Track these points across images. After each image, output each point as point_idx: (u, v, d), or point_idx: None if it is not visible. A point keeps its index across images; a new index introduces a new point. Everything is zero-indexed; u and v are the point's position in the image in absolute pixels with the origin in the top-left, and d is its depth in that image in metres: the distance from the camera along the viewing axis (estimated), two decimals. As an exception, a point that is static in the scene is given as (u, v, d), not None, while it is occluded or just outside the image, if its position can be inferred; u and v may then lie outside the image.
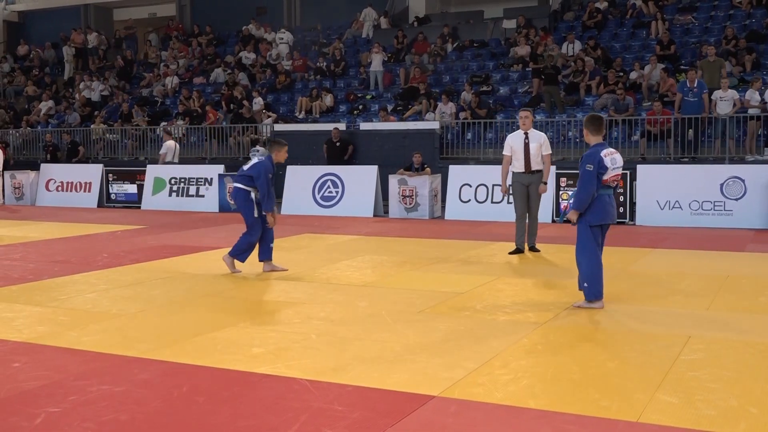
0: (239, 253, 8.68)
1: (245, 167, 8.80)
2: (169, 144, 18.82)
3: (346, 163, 17.31)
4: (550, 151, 10.06)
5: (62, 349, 5.53)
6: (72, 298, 7.36)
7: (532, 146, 9.86)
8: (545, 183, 9.97)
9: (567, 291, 7.46)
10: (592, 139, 6.76)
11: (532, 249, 10.11)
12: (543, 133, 10.23)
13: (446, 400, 4.38)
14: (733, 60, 17.52)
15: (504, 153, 10.13)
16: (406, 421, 4.07)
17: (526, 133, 9.94)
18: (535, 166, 9.90)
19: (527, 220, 10.10)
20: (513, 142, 10.00)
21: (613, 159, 6.66)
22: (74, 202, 18.97)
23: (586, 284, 6.73)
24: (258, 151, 18.39)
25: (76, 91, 25.10)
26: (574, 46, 19.64)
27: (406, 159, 15.86)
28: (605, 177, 6.60)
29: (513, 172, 10.03)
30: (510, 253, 10.00)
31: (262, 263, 8.81)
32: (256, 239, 8.68)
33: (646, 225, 13.29)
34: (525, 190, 10.00)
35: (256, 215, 8.61)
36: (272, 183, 8.67)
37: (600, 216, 6.67)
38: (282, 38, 24.52)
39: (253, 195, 8.61)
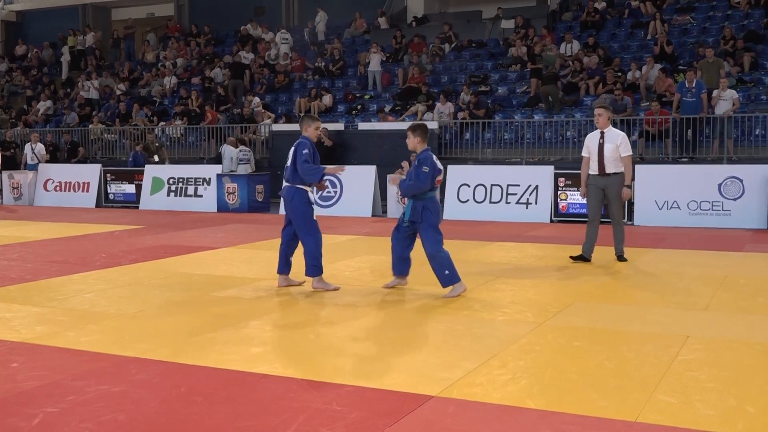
0: (316, 267, 7.60)
1: (288, 162, 7.70)
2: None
3: (340, 163, 17.26)
4: (630, 152, 9.24)
5: (60, 349, 5.52)
6: (70, 298, 7.35)
7: (608, 147, 9.14)
8: (628, 186, 9.18)
9: (566, 291, 7.47)
10: (421, 146, 7.38)
11: (620, 258, 9.37)
12: (622, 133, 9.39)
13: (445, 400, 4.38)
14: (731, 60, 17.54)
15: (582, 154, 9.47)
16: (404, 421, 4.07)
17: (602, 133, 9.24)
18: (611, 169, 9.15)
19: (612, 226, 9.44)
20: (590, 143, 9.33)
21: (439, 162, 7.41)
22: (72, 202, 18.96)
23: (447, 272, 7.20)
24: (246, 150, 18.37)
25: (74, 91, 25.08)
26: (572, 46, 19.66)
27: (404, 159, 15.82)
28: (438, 178, 7.30)
29: (589, 174, 9.34)
30: (571, 257, 9.42)
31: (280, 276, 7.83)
32: (321, 242, 7.67)
33: (645, 225, 13.29)
34: (600, 193, 9.29)
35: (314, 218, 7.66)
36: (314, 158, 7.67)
37: (440, 216, 7.44)
38: (286, 39, 24.50)
39: (311, 195, 7.73)
